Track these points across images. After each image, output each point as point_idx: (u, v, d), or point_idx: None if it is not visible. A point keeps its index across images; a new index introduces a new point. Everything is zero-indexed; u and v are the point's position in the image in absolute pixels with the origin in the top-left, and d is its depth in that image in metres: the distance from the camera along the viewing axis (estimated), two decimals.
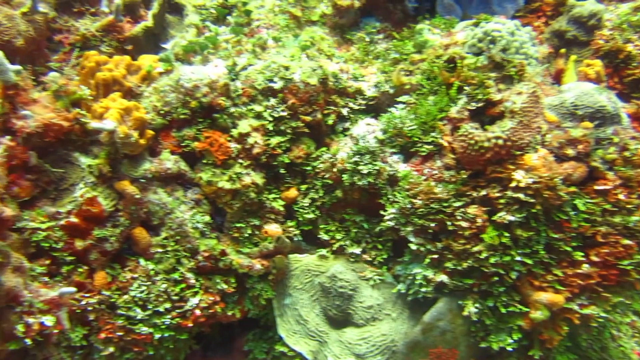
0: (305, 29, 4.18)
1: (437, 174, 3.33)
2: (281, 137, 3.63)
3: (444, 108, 3.37)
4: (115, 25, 3.88)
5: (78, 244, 3.03)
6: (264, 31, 4.00)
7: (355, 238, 3.69)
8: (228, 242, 3.61)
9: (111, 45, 3.91)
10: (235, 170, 3.49)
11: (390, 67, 3.93)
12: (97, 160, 3.14)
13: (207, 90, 3.47)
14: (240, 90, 3.60)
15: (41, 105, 2.98)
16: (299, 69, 3.63)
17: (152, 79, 3.63)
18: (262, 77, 3.60)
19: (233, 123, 3.57)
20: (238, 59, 3.72)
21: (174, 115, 3.49)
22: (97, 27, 3.85)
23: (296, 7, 4.18)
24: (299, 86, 3.61)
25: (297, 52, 3.75)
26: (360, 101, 3.94)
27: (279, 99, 3.61)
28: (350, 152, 3.52)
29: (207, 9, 4.28)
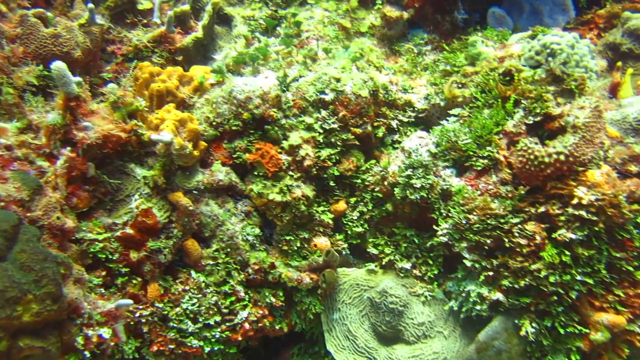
0: (354, 40, 4.16)
1: (493, 189, 3.25)
2: (331, 149, 3.60)
3: (500, 122, 3.30)
4: (166, 37, 3.91)
5: (133, 255, 3.03)
6: (313, 42, 3.99)
7: (405, 253, 3.62)
8: (277, 255, 3.58)
9: (162, 56, 3.94)
10: (285, 183, 3.47)
11: (440, 79, 3.87)
12: (152, 172, 3.15)
13: (259, 102, 3.46)
14: (291, 102, 3.58)
15: (100, 116, 3.00)
16: (350, 81, 3.60)
17: (204, 90, 3.63)
18: (313, 88, 3.58)
19: (284, 135, 3.55)
20: (289, 71, 3.71)
21: (225, 127, 3.49)
22: (149, 38, 3.88)
23: (345, 19, 4.16)
24: (350, 98, 3.57)
25: (348, 64, 3.72)
26: (409, 113, 3.90)
27: (329, 111, 3.58)
28: (403, 165, 3.46)
29: (256, 20, 4.30)
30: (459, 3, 4.17)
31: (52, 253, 2.41)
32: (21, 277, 2.28)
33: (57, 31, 3.20)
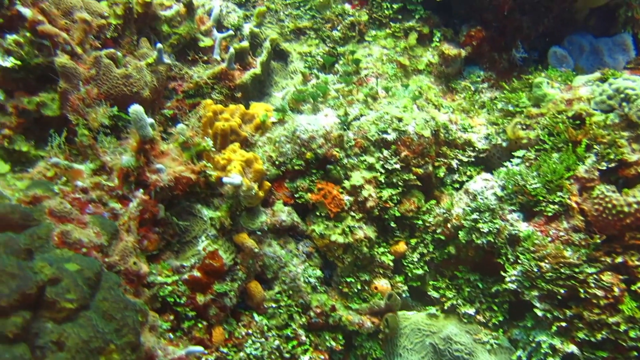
0: (412, 78, 4.14)
1: (564, 236, 3.16)
2: (393, 189, 3.55)
3: (571, 166, 3.21)
4: (226, 73, 3.93)
5: (199, 298, 2.99)
6: (373, 80, 3.97)
7: (468, 297, 3.53)
8: (337, 297, 3.52)
9: (222, 92, 3.95)
10: (347, 224, 3.42)
11: (501, 119, 3.81)
12: (219, 213, 3.13)
13: (323, 141, 3.44)
14: (353, 141, 3.55)
15: (170, 157, 3.00)
16: (412, 121, 3.56)
17: (266, 129, 3.63)
18: (375, 128, 3.55)
19: (345, 174, 3.51)
20: (349, 109, 3.69)
21: (288, 166, 3.47)
22: (209, 74, 3.90)
23: (403, 56, 4.15)
24: (412, 138, 3.53)
25: (409, 103, 3.69)
26: (469, 153, 3.84)
27: (391, 151, 3.54)
28: (468, 208, 3.39)
29: (313, 57, 4.31)
30: (518, 42, 4.13)
31: (132, 301, 2.38)
32: (104, 326, 2.26)
33: (128, 72, 3.24)
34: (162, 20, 3.81)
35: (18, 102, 2.94)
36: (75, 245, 2.38)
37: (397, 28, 4.21)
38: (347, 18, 4.27)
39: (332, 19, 4.32)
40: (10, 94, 2.95)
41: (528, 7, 4.02)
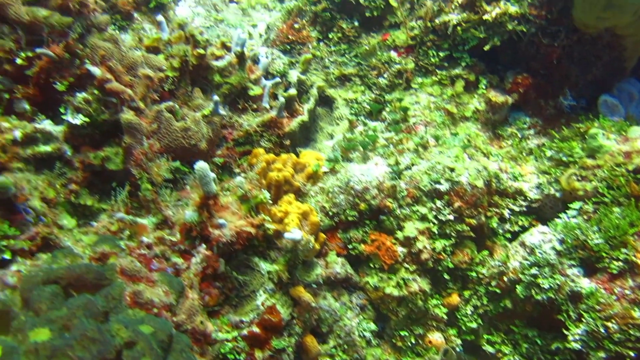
0: (459, 125, 4.14)
1: (631, 295, 3.07)
2: (446, 240, 3.52)
3: (635, 222, 3.15)
4: (276, 121, 3.97)
5: (258, 355, 2.96)
6: (421, 128, 3.98)
7: (526, 354, 3.44)
8: (390, 351, 3.46)
9: (270, 140, 3.98)
10: (401, 276, 3.38)
11: (553, 169, 3.78)
12: (277, 266, 3.12)
13: (376, 192, 3.44)
14: (405, 191, 3.54)
15: (230, 211, 3.01)
16: (465, 171, 3.54)
17: (318, 178, 3.64)
18: (428, 178, 3.54)
19: (398, 225, 3.49)
20: (400, 158, 3.69)
21: (341, 217, 3.46)
22: (259, 122, 3.95)
23: (451, 104, 4.16)
24: (466, 189, 3.51)
25: (460, 153, 3.68)
26: (521, 202, 3.80)
27: (444, 201, 3.51)
28: (525, 262, 3.33)
29: (359, 103, 4.34)
30: (566, 89, 4.12)
31: None
32: None
33: (187, 125, 3.29)
34: (214, 70, 3.88)
35: (84, 157, 2.99)
36: (147, 305, 2.37)
37: (444, 76, 4.24)
38: (393, 66, 4.31)
39: (378, 66, 4.37)
40: (77, 149, 3.00)
41: (577, 56, 4.03)
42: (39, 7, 2.92)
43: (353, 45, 4.52)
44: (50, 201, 2.80)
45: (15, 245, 2.46)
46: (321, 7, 4.54)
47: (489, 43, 4.04)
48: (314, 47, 4.56)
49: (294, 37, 4.62)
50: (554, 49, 3.99)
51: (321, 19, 4.59)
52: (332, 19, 4.56)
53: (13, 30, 2.84)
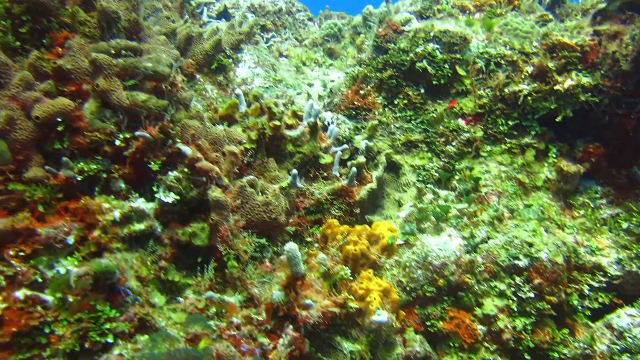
0: (531, 195, 4.09)
1: None
2: (526, 318, 3.43)
3: None
4: (346, 190, 4.01)
5: None
6: (493, 198, 3.95)
7: None
8: None
9: (341, 208, 4.02)
10: (482, 356, 3.30)
11: (634, 244, 3.68)
12: (359, 346, 3.09)
13: (455, 268, 3.40)
14: (482, 266, 3.49)
15: (314, 289, 3.02)
16: (545, 247, 3.48)
17: (392, 251, 3.63)
18: (505, 253, 3.49)
19: (476, 301, 3.43)
20: (475, 230, 3.65)
21: (419, 292, 3.42)
22: (329, 190, 3.99)
23: (522, 173, 4.13)
24: (546, 265, 3.44)
25: (537, 227, 3.63)
26: (600, 278, 3.69)
27: (523, 278, 3.44)
28: (615, 347, 3.21)
29: (427, 171, 4.35)
30: None
31: None
32: None
33: (268, 199, 3.35)
34: (287, 140, 3.98)
35: (173, 233, 3.06)
36: None
37: (514, 144, 4.23)
38: (462, 134, 4.33)
39: (446, 133, 4.40)
40: (166, 225, 3.08)
41: None
42: (138, 91, 3.07)
43: (419, 111, 4.57)
44: (143, 279, 2.87)
45: (116, 328, 2.51)
46: (387, 74, 4.64)
47: (561, 114, 4.03)
48: (380, 113, 4.63)
49: (359, 103, 4.71)
50: (628, 120, 3.95)
51: (387, 86, 4.68)
52: (397, 85, 4.65)
53: (114, 114, 2.99)
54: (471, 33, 4.43)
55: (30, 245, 2.60)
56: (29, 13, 2.93)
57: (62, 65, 2.89)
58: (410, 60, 4.51)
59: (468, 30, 4.45)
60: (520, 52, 4.22)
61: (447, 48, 4.44)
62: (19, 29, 2.92)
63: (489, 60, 4.30)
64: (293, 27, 9.07)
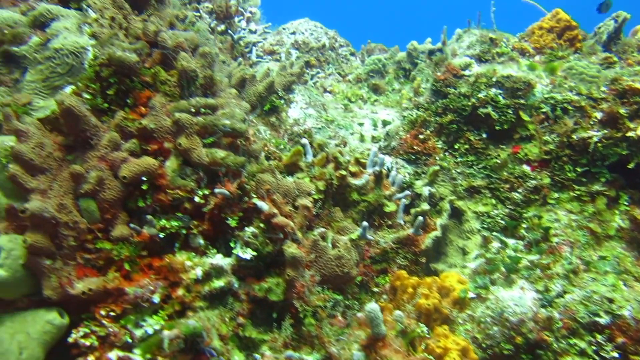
0: (604, 245, 3.96)
1: None
2: None
3: None
4: (412, 239, 3.96)
5: None
6: (565, 248, 3.84)
7: None
8: None
9: (406, 257, 3.97)
10: None
11: None
12: None
13: (533, 325, 3.29)
14: (560, 322, 3.37)
15: (393, 349, 2.96)
16: (627, 304, 3.35)
17: (464, 304, 3.55)
18: (584, 309, 3.37)
19: (555, 359, 3.30)
20: (549, 284, 3.55)
21: (495, 349, 3.32)
22: (394, 239, 3.96)
23: (593, 222, 4.01)
24: (629, 323, 3.30)
25: (617, 281, 3.50)
26: None
27: (605, 336, 3.31)
28: None
29: (492, 218, 4.28)
30: None
31: None
32: None
33: (341, 252, 3.34)
34: (352, 189, 3.98)
35: (249, 289, 3.07)
36: None
37: (583, 192, 4.12)
38: (528, 181, 4.25)
39: (510, 180, 4.33)
40: (242, 280, 3.10)
41: None
42: (215, 147, 3.13)
43: (481, 156, 4.52)
44: (224, 337, 2.87)
45: None
46: (447, 119, 4.62)
47: (633, 160, 3.92)
48: (441, 158, 4.60)
49: (419, 148, 4.69)
50: None
51: (447, 130, 4.66)
52: (458, 130, 4.62)
53: (194, 171, 3.05)
54: (535, 78, 4.39)
55: (120, 304, 2.64)
56: (115, 75, 3.04)
57: (146, 126, 2.98)
58: (472, 105, 4.49)
59: (531, 75, 4.41)
60: (588, 97, 4.15)
61: (510, 93, 4.40)
62: (106, 91, 3.03)
63: (554, 106, 4.24)
64: (336, 63, 9.18)
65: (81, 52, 3.02)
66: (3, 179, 2.62)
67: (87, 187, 2.75)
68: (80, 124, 2.80)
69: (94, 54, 3.06)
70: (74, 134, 2.84)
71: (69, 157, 2.86)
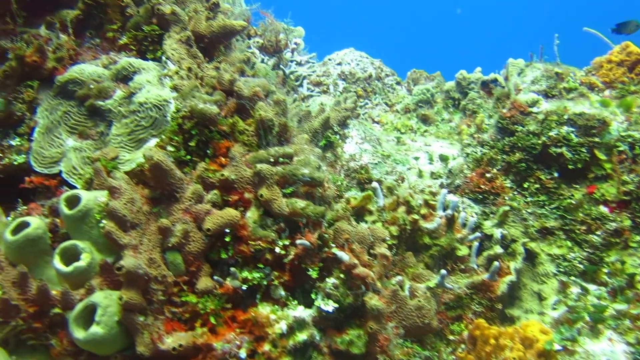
0: None
1: None
2: None
3: None
4: (487, 284, 3.83)
5: None
6: None
7: None
8: None
9: (481, 303, 3.84)
10: None
11: None
12: None
13: None
14: None
15: None
16: None
17: (550, 357, 3.38)
18: None
19: None
20: None
21: None
22: (468, 284, 3.84)
23: None
24: None
25: None
26: None
27: None
28: None
29: (569, 261, 4.11)
30: None
31: None
32: None
33: (421, 303, 3.24)
34: (423, 232, 3.89)
35: (330, 341, 3.00)
36: None
37: None
38: (606, 222, 4.08)
39: (587, 221, 4.15)
40: (323, 332, 3.04)
41: None
42: (295, 198, 3.11)
43: (553, 196, 4.37)
44: None
45: None
46: (516, 157, 4.51)
47: None
48: (510, 197, 4.47)
49: (486, 187, 4.58)
50: None
51: (515, 169, 4.54)
52: (527, 169, 4.49)
53: (275, 221, 3.03)
54: (609, 115, 4.24)
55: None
56: (197, 126, 3.08)
57: (227, 177, 2.99)
58: (542, 143, 4.37)
59: (605, 111, 4.27)
60: None
61: (583, 131, 4.26)
62: (188, 143, 3.07)
63: (633, 144, 4.08)
64: (383, 92, 9.15)
65: (164, 105, 3.09)
66: (97, 234, 2.66)
67: (174, 240, 2.77)
68: (167, 177, 2.83)
69: (176, 107, 3.12)
70: (161, 188, 2.87)
71: (154, 209, 2.90)
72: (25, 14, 3.16)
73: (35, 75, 3.10)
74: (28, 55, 2.98)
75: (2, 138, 3.00)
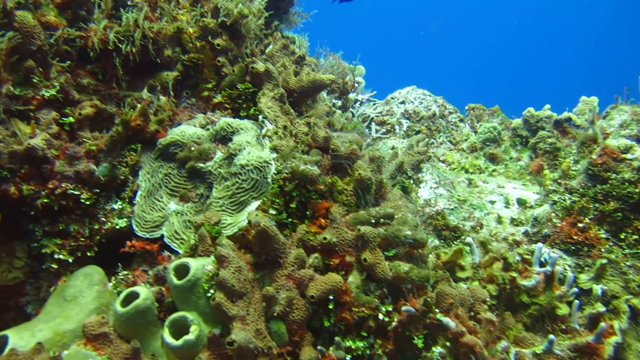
0: None
1: None
2: None
3: None
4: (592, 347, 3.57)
5: None
6: None
7: None
8: None
9: None
10: None
11: None
12: None
13: None
14: None
15: None
16: None
17: None
18: None
19: None
20: None
21: None
22: (571, 347, 3.58)
23: None
24: None
25: None
26: None
27: None
28: None
29: None
30: None
31: None
32: None
33: None
34: (521, 290, 3.69)
35: None
36: None
37: None
38: None
39: None
40: None
41: None
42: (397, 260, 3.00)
43: None
44: None
45: None
46: (611, 206, 4.26)
47: None
48: (607, 249, 4.21)
49: (578, 238, 4.33)
50: None
51: (611, 219, 4.28)
52: (624, 219, 4.23)
53: (378, 286, 2.92)
54: None
55: None
56: (297, 188, 3.04)
57: (330, 240, 2.92)
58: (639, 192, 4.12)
59: None
60: None
61: None
62: (289, 204, 3.02)
63: None
64: (447, 131, 9.00)
65: (264, 167, 3.07)
66: (203, 304, 2.63)
67: (278, 309, 2.70)
68: (272, 243, 2.78)
69: (277, 168, 3.09)
70: (265, 253, 2.82)
71: (257, 275, 2.84)
72: (129, 77, 3.23)
73: (138, 138, 3.14)
74: (132, 120, 3.03)
75: (105, 202, 3.03)
